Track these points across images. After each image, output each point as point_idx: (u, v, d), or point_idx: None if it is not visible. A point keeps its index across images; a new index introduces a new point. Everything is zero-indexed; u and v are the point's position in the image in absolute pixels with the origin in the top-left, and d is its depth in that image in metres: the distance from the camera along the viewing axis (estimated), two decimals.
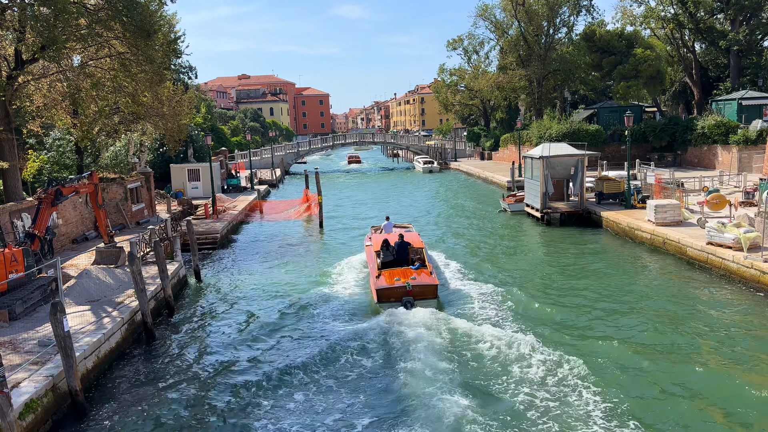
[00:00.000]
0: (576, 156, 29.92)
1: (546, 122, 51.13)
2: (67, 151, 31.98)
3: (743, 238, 18.58)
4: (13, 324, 14.48)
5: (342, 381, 13.14)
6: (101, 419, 11.77)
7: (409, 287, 16.81)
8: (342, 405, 12.03)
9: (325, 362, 14.11)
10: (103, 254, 20.09)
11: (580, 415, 11.07)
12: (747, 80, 48.06)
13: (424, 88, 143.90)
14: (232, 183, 48.55)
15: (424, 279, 17.31)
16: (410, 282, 16.95)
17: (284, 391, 12.79)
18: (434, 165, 68.58)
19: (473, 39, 72.12)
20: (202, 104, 67.21)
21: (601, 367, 12.96)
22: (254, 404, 12.30)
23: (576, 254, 23.84)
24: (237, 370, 14.01)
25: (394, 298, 16.88)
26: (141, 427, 11.49)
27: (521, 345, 14.00)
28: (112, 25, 21.84)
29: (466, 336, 14.92)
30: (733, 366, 12.93)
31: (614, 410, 11.14)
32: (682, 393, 11.84)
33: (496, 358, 13.65)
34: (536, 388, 12.12)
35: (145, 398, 12.67)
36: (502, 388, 12.29)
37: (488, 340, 14.48)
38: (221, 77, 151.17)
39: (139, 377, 13.75)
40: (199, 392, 12.94)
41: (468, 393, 12.00)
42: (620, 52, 54.53)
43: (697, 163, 43.15)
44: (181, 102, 34.67)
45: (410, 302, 16.63)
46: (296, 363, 14.12)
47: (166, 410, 12.14)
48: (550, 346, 13.98)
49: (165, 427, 11.53)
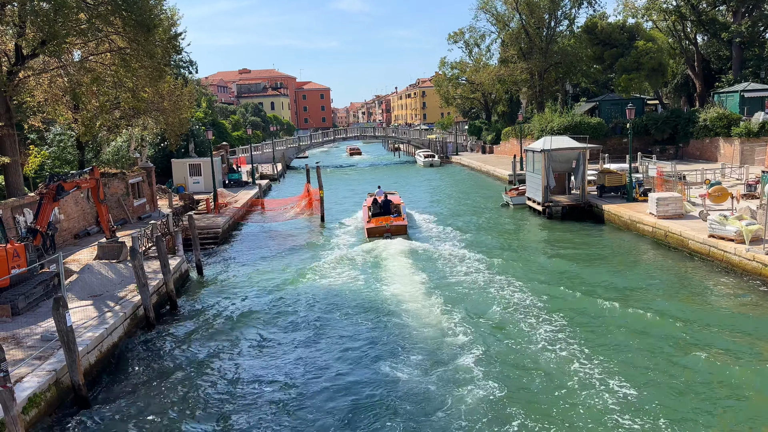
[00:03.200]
0: (578, 149, 29.85)
1: (547, 115, 50.97)
2: (69, 147, 31.97)
3: (745, 230, 18.55)
4: (16, 319, 14.52)
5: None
6: (104, 413, 11.81)
7: (388, 227, 25.96)
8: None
9: (326, 353, 14.17)
10: (105, 249, 20.10)
11: None
12: (749, 72, 47.83)
13: (425, 81, 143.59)
14: (234, 178, 48.54)
15: (397, 222, 26.38)
16: (389, 224, 26.02)
17: (285, 384, 12.82)
18: (435, 159, 68.49)
19: (474, 32, 71.82)
20: (202, 99, 67.14)
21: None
22: (256, 396, 12.33)
23: (575, 245, 23.84)
24: (239, 364, 14.05)
25: (378, 234, 25.83)
26: (144, 421, 11.53)
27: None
28: (112, 19, 21.82)
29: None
30: (734, 359, 12.92)
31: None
32: (678, 379, 11.87)
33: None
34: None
35: (148, 392, 12.71)
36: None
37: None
38: (222, 72, 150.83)
39: (141, 371, 13.78)
40: (202, 386, 12.97)
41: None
42: (622, 44, 54.29)
43: (699, 156, 43.04)
44: (182, 96, 34.63)
45: (389, 236, 25.61)
46: (297, 355, 14.16)
47: (168, 404, 12.18)
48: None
49: (168, 420, 11.57)
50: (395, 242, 24.39)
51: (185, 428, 11.30)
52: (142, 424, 11.43)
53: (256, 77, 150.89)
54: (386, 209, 27.95)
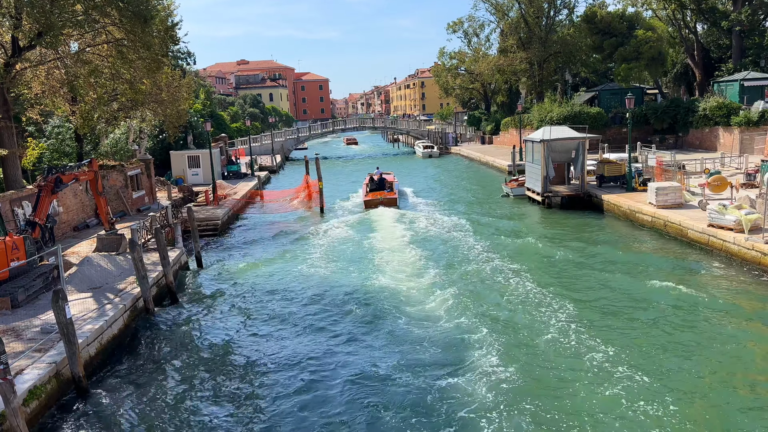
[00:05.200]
0: (577, 139, 29.79)
1: (547, 105, 50.84)
2: (67, 139, 31.88)
3: (744, 219, 18.55)
4: (16, 311, 14.54)
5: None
6: (105, 405, 11.84)
7: (381, 199, 32.03)
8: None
9: (325, 339, 14.20)
10: (104, 241, 20.11)
11: None
12: (749, 61, 47.65)
13: (424, 72, 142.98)
14: (233, 169, 48.43)
15: (389, 195, 32.56)
16: (382, 197, 32.15)
17: (286, 372, 12.86)
18: (434, 150, 68.34)
19: (473, 21, 71.68)
20: (201, 90, 66.81)
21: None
22: (256, 388, 12.37)
23: (573, 234, 23.83)
24: (239, 355, 14.08)
25: (373, 206, 31.72)
26: (145, 413, 11.57)
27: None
28: (109, 11, 21.68)
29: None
30: (733, 350, 12.97)
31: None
32: (676, 366, 11.93)
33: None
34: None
35: (148, 384, 12.75)
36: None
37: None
38: (220, 63, 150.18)
39: (141, 363, 13.82)
40: (202, 377, 13.01)
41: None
42: (621, 33, 54.08)
43: (699, 145, 42.98)
44: (180, 88, 34.52)
45: (383, 206, 31.48)
46: (297, 344, 14.20)
47: (169, 395, 12.22)
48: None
49: (169, 412, 11.61)
50: (387, 210, 30.72)
51: (186, 418, 11.34)
52: (142, 415, 11.47)
53: (254, 68, 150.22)
54: (381, 185, 33.86)
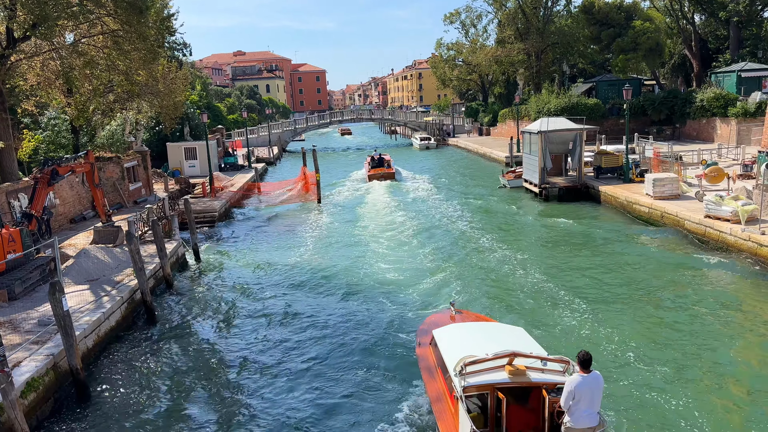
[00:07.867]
0: (574, 130, 29.76)
1: (544, 96, 50.72)
2: (63, 131, 31.71)
3: (741, 210, 18.58)
4: (13, 304, 14.51)
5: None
6: (103, 397, 11.87)
7: (382, 174, 40.45)
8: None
9: (328, 340, 14.23)
10: (101, 233, 20.07)
11: None
12: (747, 52, 47.54)
13: (421, 63, 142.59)
14: (230, 161, 48.32)
15: (387, 170, 41.38)
16: (382, 172, 40.76)
17: (284, 363, 12.88)
18: (431, 141, 68.25)
19: (471, 12, 71.25)
20: (197, 81, 66.45)
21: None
22: (253, 380, 12.40)
23: (571, 225, 23.86)
24: (236, 347, 14.11)
25: (376, 179, 39.86)
26: (142, 404, 11.60)
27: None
28: (104, 1, 21.52)
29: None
30: (729, 339, 13.04)
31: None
32: (673, 356, 11.99)
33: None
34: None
35: (145, 376, 12.77)
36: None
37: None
38: (216, 54, 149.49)
39: (139, 355, 13.83)
40: (199, 370, 13.04)
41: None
42: (619, 24, 53.91)
43: (696, 136, 42.97)
44: (176, 79, 34.35)
45: (383, 179, 39.73)
46: (296, 338, 14.22)
47: (166, 387, 12.24)
48: None
49: (166, 404, 11.63)
50: (386, 182, 38.74)
51: (183, 410, 11.37)
52: (140, 408, 11.49)
53: (251, 59, 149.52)
54: (380, 163, 43.20)
